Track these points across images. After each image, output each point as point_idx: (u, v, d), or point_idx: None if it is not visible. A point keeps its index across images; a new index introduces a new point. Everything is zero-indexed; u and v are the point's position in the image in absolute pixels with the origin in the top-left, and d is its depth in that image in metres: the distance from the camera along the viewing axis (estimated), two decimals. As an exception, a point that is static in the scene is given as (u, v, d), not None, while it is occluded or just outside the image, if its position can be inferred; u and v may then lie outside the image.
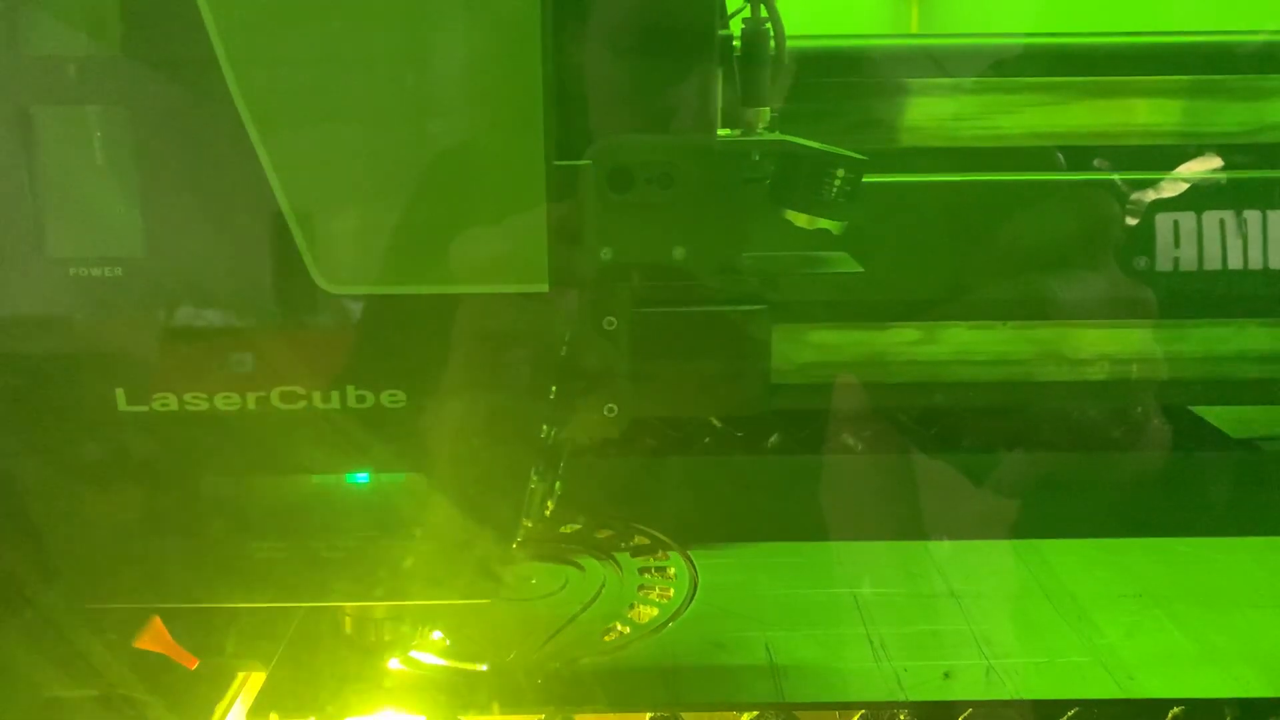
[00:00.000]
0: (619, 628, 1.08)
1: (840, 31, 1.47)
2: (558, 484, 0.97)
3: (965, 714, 0.96)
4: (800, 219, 0.89)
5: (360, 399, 0.79)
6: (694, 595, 1.14)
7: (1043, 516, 1.29)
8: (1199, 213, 1.31)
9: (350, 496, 0.83)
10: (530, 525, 0.91)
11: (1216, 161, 1.35)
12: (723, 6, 0.88)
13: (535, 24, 0.74)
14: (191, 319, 0.78)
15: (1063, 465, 1.52)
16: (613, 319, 0.90)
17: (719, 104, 0.87)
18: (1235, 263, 1.31)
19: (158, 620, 1.01)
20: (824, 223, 0.89)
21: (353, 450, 0.81)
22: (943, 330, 1.30)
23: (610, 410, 0.93)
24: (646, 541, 1.26)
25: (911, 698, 0.96)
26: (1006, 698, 0.96)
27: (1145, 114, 1.33)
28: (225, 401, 0.79)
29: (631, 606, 1.12)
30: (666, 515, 1.32)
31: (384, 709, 0.97)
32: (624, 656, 1.04)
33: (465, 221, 0.76)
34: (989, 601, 1.12)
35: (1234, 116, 1.32)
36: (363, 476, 0.82)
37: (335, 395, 0.79)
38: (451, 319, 0.79)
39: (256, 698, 0.97)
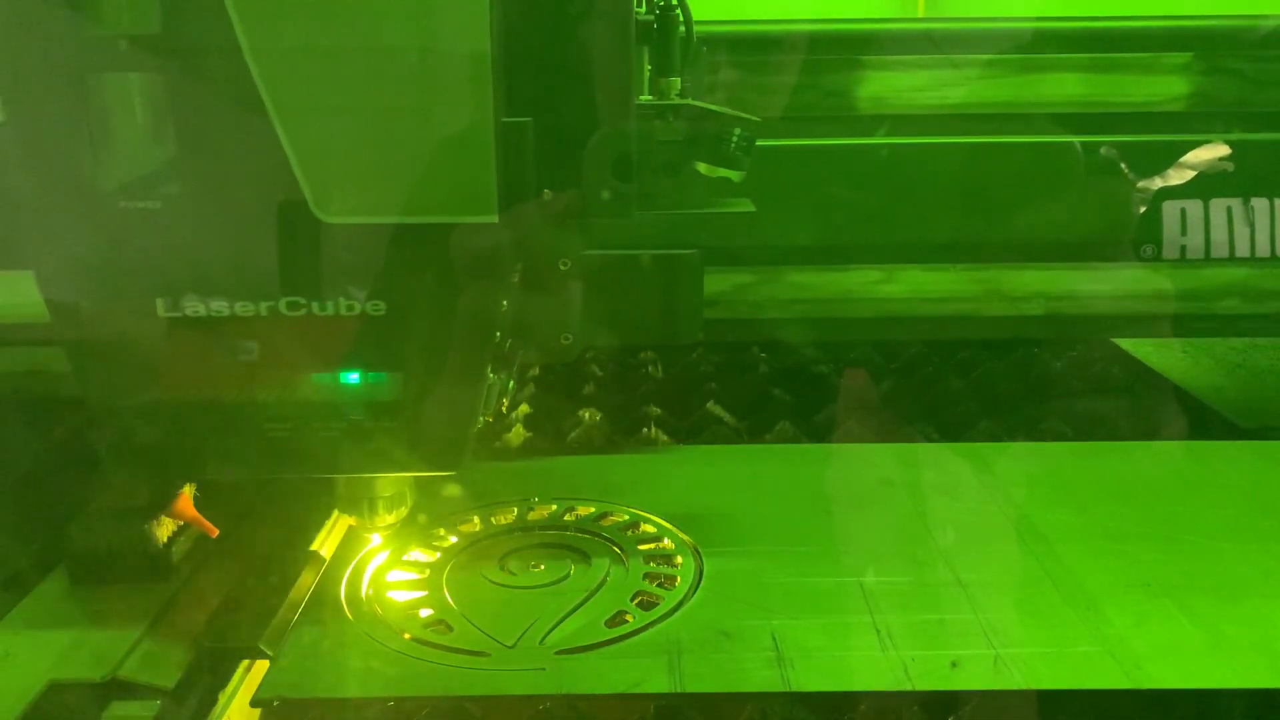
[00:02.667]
0: (624, 615, 1.08)
1: (851, 17, 1.64)
2: (511, 383, 1.13)
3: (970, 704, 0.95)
4: (705, 169, 1.08)
5: (349, 307, 0.98)
6: (699, 583, 1.14)
7: (1045, 506, 1.30)
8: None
9: (344, 391, 1.02)
10: (490, 419, 1.08)
11: (1224, 150, 1.40)
12: None
13: (486, 10, 0.90)
14: (216, 242, 0.96)
15: (1071, 454, 1.52)
16: (567, 259, 1.07)
17: (638, 75, 1.08)
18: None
19: (186, 493, 1.16)
20: (723, 172, 1.08)
21: (343, 348, 1.00)
22: (900, 271, 1.52)
23: (566, 338, 1.13)
24: (653, 529, 1.25)
25: (919, 687, 0.95)
26: (1014, 687, 0.95)
27: (1072, 87, 1.52)
28: (243, 309, 0.97)
29: (637, 594, 1.12)
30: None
31: (387, 694, 0.97)
32: (629, 644, 1.03)
33: (432, 165, 0.94)
34: (996, 590, 1.11)
35: (1144, 89, 1.51)
36: (354, 377, 1.01)
37: (330, 304, 0.97)
38: (423, 242, 0.96)
39: (260, 684, 0.97)
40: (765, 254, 1.52)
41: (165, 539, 1.14)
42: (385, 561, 1.19)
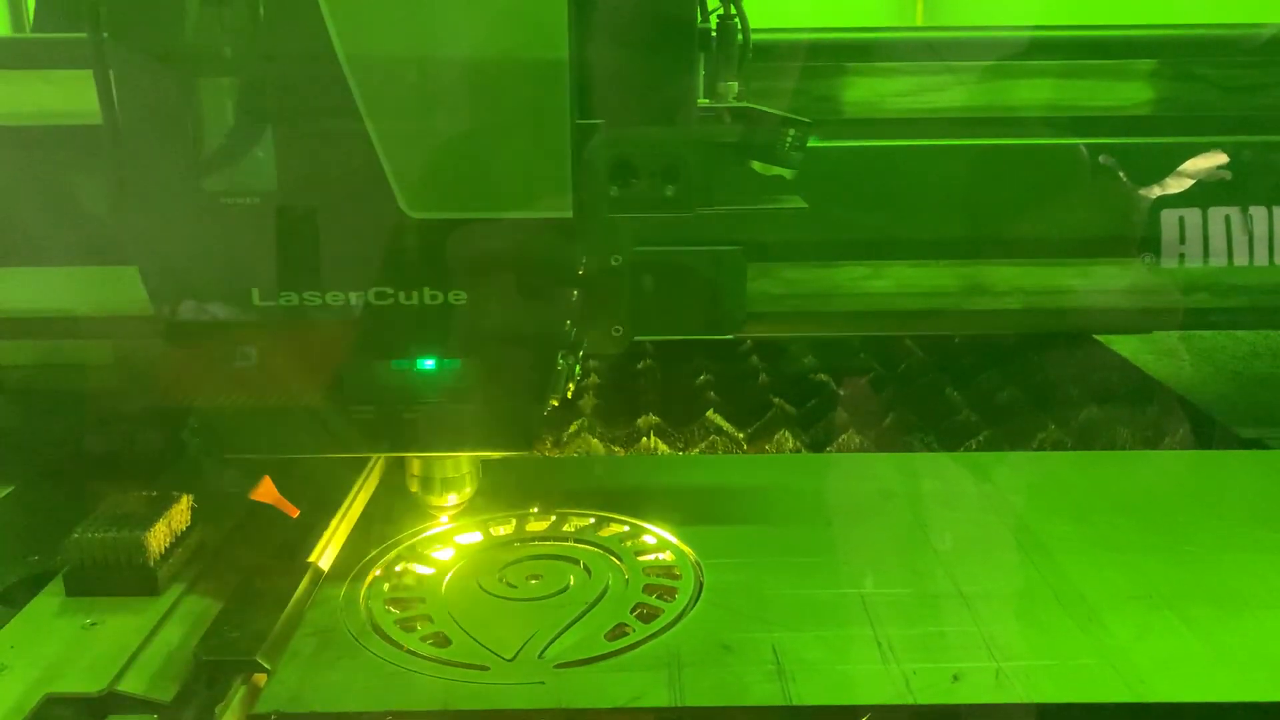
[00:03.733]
0: (624, 628, 1.07)
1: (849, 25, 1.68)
2: (577, 368, 1.17)
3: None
4: (760, 168, 1.16)
5: (433, 297, 1.04)
6: (699, 595, 1.13)
7: (1046, 517, 1.29)
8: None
9: (422, 376, 1.09)
10: (555, 404, 1.13)
11: (1222, 158, 1.44)
12: (704, 5, 1.17)
13: (564, 17, 0.97)
14: (309, 236, 1.03)
15: (1071, 464, 1.52)
16: (619, 256, 1.14)
17: (700, 80, 1.16)
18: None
19: (268, 479, 1.23)
20: (777, 170, 1.16)
21: (426, 335, 1.06)
22: (887, 267, 1.58)
23: (617, 331, 1.18)
24: (653, 540, 1.25)
25: (920, 701, 0.95)
26: (1016, 701, 0.95)
27: (1048, 92, 1.57)
28: (333, 298, 1.04)
29: (636, 606, 1.11)
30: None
31: (385, 708, 0.96)
32: (629, 657, 1.02)
33: (512, 165, 1.02)
34: (997, 602, 1.11)
35: (1118, 95, 1.56)
36: (429, 363, 1.08)
37: (415, 294, 1.04)
38: (502, 237, 1.04)
39: (259, 698, 0.96)
40: (813, 250, 1.60)
41: (162, 551, 1.14)
42: (383, 573, 1.19)
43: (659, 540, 1.25)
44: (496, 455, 1.22)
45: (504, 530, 1.28)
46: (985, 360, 1.95)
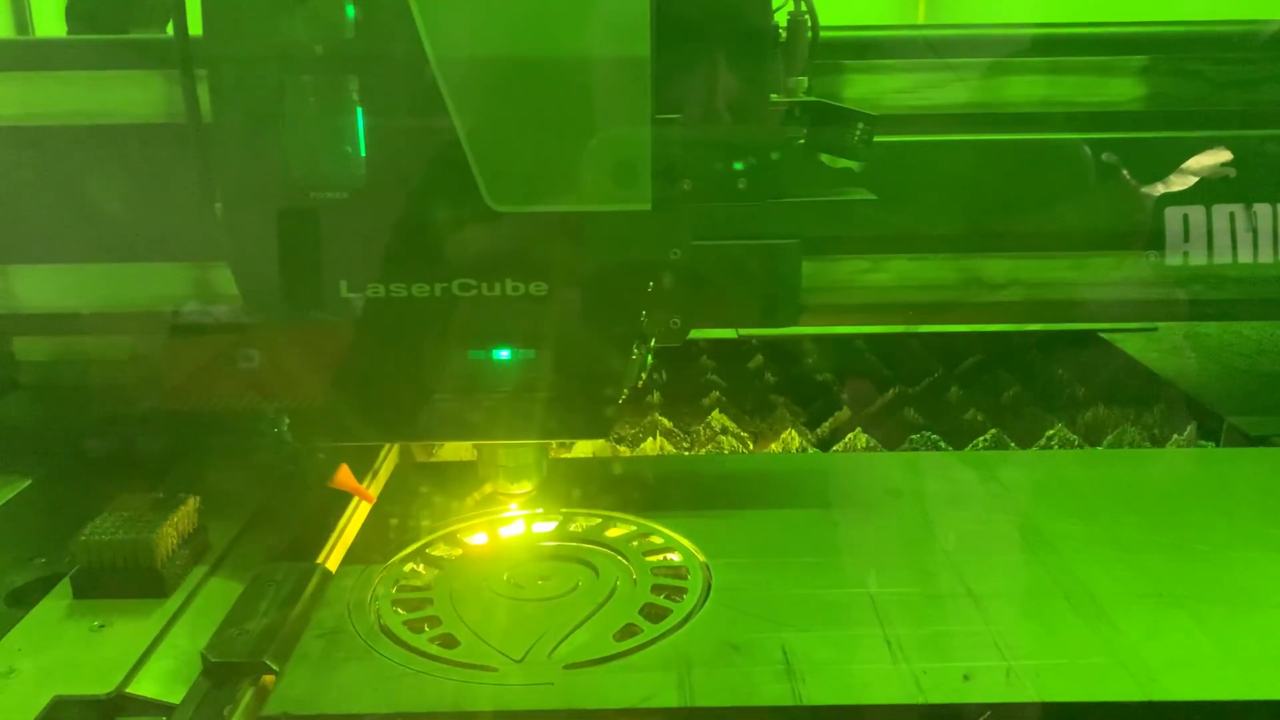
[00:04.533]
0: (633, 628, 1.07)
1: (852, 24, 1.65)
2: (649, 357, 1.22)
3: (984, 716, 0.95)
4: (829, 160, 1.18)
5: (515, 288, 1.09)
6: (708, 595, 1.13)
7: (1053, 515, 1.29)
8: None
9: (501, 365, 1.14)
10: (627, 392, 1.18)
11: (1226, 155, 1.52)
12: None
13: (646, 15, 1.02)
14: (397, 229, 1.08)
15: (1078, 462, 1.52)
16: (678, 250, 1.15)
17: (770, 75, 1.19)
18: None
19: (345, 466, 1.26)
20: (844, 162, 1.18)
21: (508, 325, 1.12)
22: (887, 261, 1.59)
23: (675, 323, 1.19)
24: (661, 540, 1.25)
25: (931, 700, 0.95)
26: (1027, 700, 0.95)
27: (1042, 88, 1.57)
28: (419, 290, 1.08)
29: (645, 606, 1.11)
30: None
31: (394, 710, 0.96)
32: (638, 657, 1.02)
33: (594, 159, 1.06)
34: (1006, 601, 1.11)
35: (1113, 90, 1.56)
36: (504, 353, 1.14)
37: (498, 285, 1.09)
38: (582, 230, 1.09)
39: (268, 700, 0.96)
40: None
41: (169, 553, 1.14)
42: (390, 574, 1.18)
43: (667, 540, 1.24)
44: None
45: (511, 531, 1.28)
46: (991, 359, 1.95)
